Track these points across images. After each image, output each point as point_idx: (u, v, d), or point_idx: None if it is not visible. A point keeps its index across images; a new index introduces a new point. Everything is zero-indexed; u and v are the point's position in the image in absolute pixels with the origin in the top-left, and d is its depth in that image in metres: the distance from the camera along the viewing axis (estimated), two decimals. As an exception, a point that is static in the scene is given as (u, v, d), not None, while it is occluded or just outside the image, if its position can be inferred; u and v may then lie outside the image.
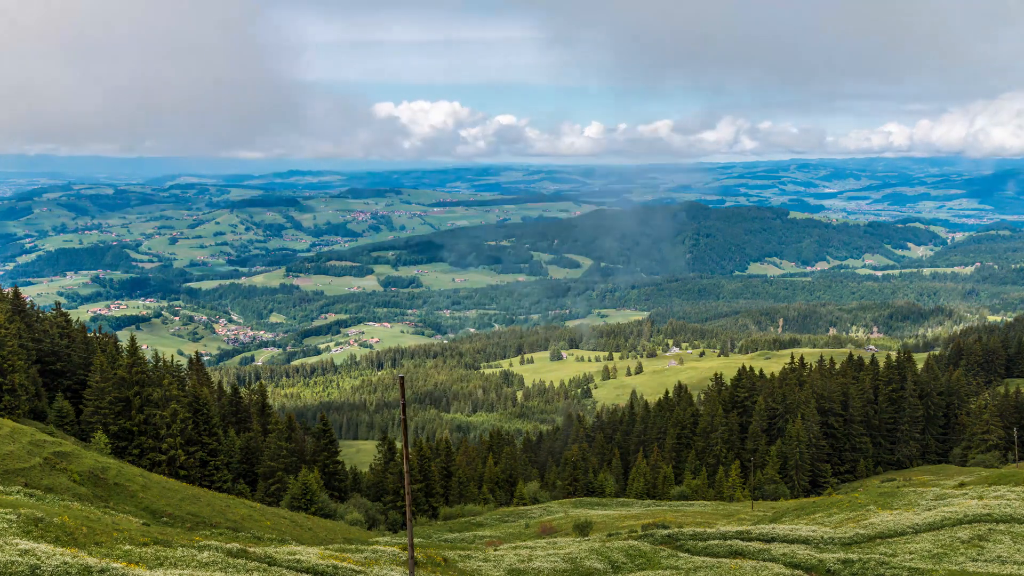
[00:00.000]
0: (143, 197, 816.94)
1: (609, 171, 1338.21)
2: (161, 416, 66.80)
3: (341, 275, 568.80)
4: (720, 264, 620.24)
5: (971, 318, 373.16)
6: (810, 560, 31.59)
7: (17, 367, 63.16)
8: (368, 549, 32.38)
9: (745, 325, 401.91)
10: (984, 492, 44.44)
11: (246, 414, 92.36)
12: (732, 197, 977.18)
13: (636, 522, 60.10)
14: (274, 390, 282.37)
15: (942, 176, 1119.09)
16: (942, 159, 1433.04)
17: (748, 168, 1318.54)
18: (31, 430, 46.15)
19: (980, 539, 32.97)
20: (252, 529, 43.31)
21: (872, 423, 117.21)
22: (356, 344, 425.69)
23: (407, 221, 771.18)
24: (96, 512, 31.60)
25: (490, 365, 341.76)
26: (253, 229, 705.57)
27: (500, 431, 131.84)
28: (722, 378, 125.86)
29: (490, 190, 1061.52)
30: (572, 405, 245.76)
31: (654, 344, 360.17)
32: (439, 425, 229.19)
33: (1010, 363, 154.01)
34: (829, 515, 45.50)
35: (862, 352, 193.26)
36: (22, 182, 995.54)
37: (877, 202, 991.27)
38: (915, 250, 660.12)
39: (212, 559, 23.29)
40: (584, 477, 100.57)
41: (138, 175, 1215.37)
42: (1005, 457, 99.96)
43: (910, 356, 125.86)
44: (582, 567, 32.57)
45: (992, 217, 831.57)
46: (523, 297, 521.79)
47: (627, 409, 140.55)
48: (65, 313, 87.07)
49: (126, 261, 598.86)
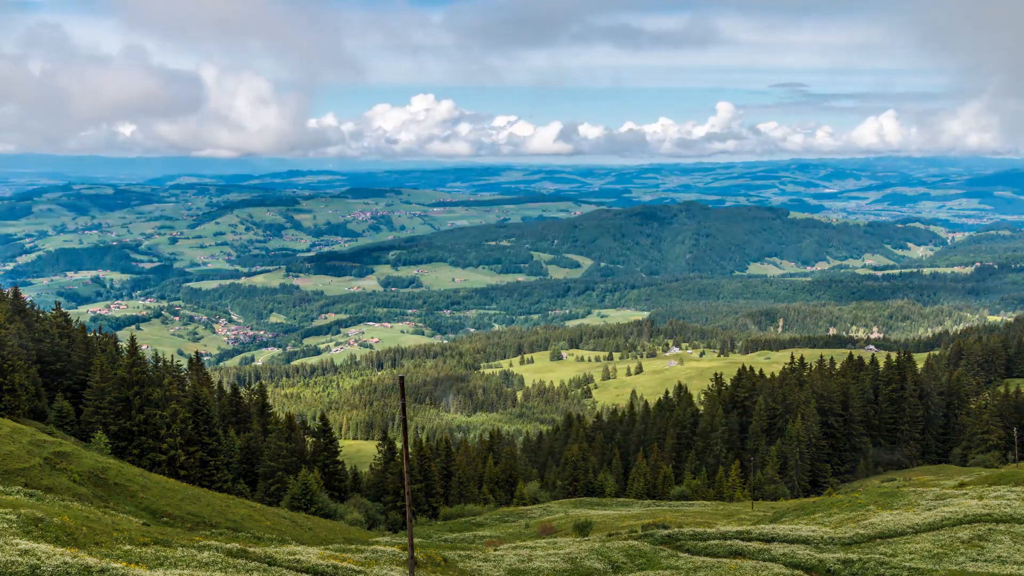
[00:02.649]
0: (143, 197, 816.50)
1: (609, 171, 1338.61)
2: (161, 416, 66.81)
3: (341, 275, 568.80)
4: (720, 264, 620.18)
5: (971, 318, 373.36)
6: (810, 560, 31.59)
7: (17, 367, 63.18)
8: (368, 549, 32.39)
9: (745, 325, 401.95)
10: (984, 492, 44.44)
11: (246, 414, 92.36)
12: (732, 197, 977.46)
13: (636, 522, 60.08)
14: (274, 390, 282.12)
15: (942, 176, 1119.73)
16: (942, 159, 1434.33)
17: (748, 168, 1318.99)
18: (31, 430, 46.15)
19: (980, 539, 32.97)
20: (252, 529, 43.30)
21: (872, 423, 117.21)
22: (356, 344, 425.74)
23: (407, 221, 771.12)
24: (96, 512, 31.59)
25: (490, 365, 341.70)
26: (253, 229, 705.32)
27: (500, 431, 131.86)
28: (722, 378, 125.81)
29: (490, 190, 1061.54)
30: (572, 405, 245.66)
31: (654, 344, 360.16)
32: (439, 425, 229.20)
33: (1010, 363, 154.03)
34: (829, 515, 45.49)
35: (862, 352, 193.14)
36: (22, 182, 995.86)
37: (877, 202, 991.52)
38: (915, 250, 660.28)
39: (212, 559, 23.30)
40: (584, 477, 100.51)
41: (138, 175, 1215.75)
42: (1005, 457, 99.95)
43: (910, 356, 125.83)
44: (582, 567, 32.57)
45: (992, 217, 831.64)
46: (523, 297, 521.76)
47: (627, 409, 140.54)
48: (65, 313, 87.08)
49: (126, 261, 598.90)
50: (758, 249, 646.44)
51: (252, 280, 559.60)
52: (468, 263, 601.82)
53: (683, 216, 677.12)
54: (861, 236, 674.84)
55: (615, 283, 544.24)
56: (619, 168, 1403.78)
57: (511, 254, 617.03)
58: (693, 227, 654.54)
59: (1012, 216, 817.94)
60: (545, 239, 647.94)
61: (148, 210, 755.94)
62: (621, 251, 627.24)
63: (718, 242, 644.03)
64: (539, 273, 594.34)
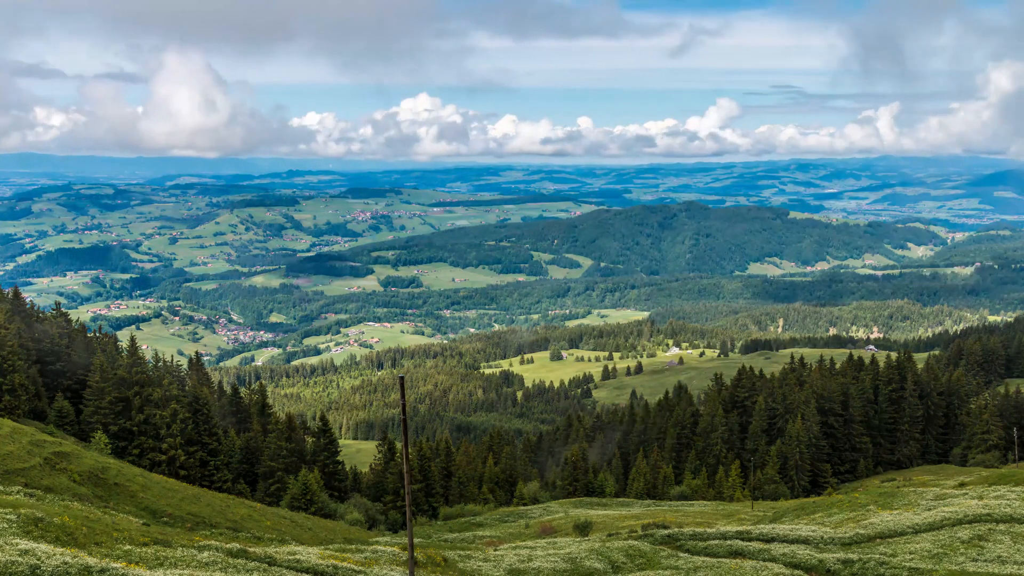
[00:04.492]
0: (143, 197, 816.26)
1: (609, 171, 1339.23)
2: (161, 416, 66.82)
3: (341, 275, 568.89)
4: (720, 264, 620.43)
5: (971, 318, 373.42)
6: (810, 560, 31.59)
7: (17, 367, 63.19)
8: (368, 549, 32.39)
9: (745, 325, 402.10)
10: (984, 492, 44.45)
11: (246, 414, 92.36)
12: (732, 197, 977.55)
13: (636, 522, 60.06)
14: (274, 390, 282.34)
15: (942, 176, 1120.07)
16: (942, 159, 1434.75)
17: (748, 168, 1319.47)
18: (31, 430, 46.16)
19: (980, 539, 32.97)
20: (252, 529, 43.30)
21: (872, 423, 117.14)
22: (356, 344, 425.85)
23: (407, 221, 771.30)
24: (96, 512, 31.59)
25: (490, 365, 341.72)
26: (253, 229, 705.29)
27: (500, 431, 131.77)
28: (722, 378, 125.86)
29: (490, 190, 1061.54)
30: (572, 405, 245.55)
31: (654, 344, 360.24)
32: (439, 425, 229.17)
33: (1010, 363, 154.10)
34: (829, 515, 45.49)
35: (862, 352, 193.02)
36: (22, 182, 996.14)
37: (877, 202, 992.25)
38: (915, 250, 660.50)
39: (212, 559, 23.30)
40: (584, 477, 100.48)
41: (138, 175, 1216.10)
42: (1005, 457, 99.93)
43: (910, 356, 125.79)
44: (582, 567, 32.57)
45: (992, 217, 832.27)
46: (523, 297, 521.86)
47: (627, 409, 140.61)
48: (65, 313, 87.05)
49: (126, 261, 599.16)
50: (758, 249, 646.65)
51: (252, 280, 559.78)
52: (468, 263, 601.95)
53: (683, 216, 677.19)
54: (861, 236, 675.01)
55: (615, 283, 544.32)
56: (619, 168, 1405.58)
57: (511, 254, 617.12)
58: (693, 227, 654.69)
59: (1012, 216, 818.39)
60: (545, 239, 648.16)
61: (148, 210, 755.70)
62: (621, 251, 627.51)
63: (718, 242, 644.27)
64: (539, 273, 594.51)
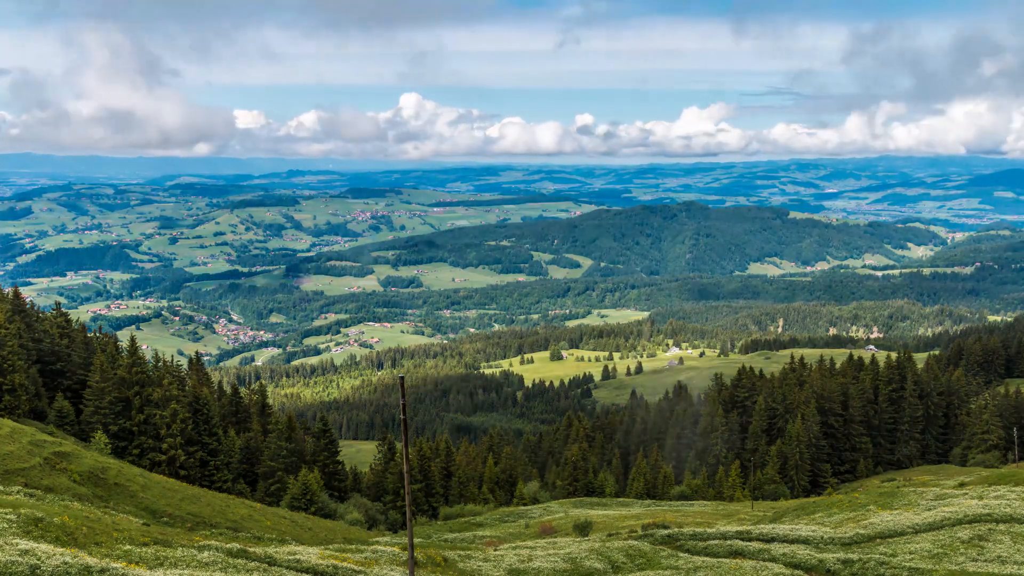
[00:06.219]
0: (143, 197, 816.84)
1: (609, 171, 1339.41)
2: (161, 416, 66.79)
3: (341, 275, 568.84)
4: (720, 264, 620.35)
5: (971, 318, 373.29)
6: (810, 560, 31.59)
7: (17, 367, 63.15)
8: (368, 549, 32.37)
9: (745, 325, 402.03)
10: (984, 492, 44.44)
11: (246, 414, 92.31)
12: (732, 197, 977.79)
13: (636, 522, 60.05)
14: (274, 390, 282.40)
15: (942, 176, 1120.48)
16: (942, 159, 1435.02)
17: (748, 168, 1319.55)
18: (31, 430, 46.15)
19: (980, 539, 32.97)
20: (252, 529, 43.30)
21: (872, 423, 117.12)
22: (356, 344, 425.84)
23: (407, 221, 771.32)
24: (96, 512, 31.59)
25: (490, 365, 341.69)
26: (253, 229, 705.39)
27: (500, 431, 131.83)
28: (722, 378, 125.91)
29: (490, 190, 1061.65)
30: (572, 405, 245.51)
31: (654, 344, 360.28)
32: (439, 425, 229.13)
33: (1010, 363, 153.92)
34: (829, 515, 45.49)
35: (862, 352, 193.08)
36: (22, 182, 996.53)
37: (877, 202, 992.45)
38: (915, 250, 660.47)
39: (212, 559, 23.30)
40: (584, 477, 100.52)
41: (138, 175, 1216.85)
42: (1005, 457, 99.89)
43: (910, 356, 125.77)
44: (582, 567, 32.56)
45: (992, 217, 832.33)
46: (523, 297, 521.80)
47: (627, 409, 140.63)
48: (65, 313, 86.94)
49: (126, 261, 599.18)
50: (758, 249, 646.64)
51: (252, 280, 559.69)
52: (468, 263, 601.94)
53: (683, 216, 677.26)
54: (861, 236, 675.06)
55: (615, 283, 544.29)
56: (619, 168, 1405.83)
57: (511, 254, 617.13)
58: (693, 227, 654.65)
59: (1012, 216, 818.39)
60: (545, 239, 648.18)
61: (148, 210, 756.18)
62: (621, 251, 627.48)
63: (718, 242, 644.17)
64: (539, 273, 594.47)
